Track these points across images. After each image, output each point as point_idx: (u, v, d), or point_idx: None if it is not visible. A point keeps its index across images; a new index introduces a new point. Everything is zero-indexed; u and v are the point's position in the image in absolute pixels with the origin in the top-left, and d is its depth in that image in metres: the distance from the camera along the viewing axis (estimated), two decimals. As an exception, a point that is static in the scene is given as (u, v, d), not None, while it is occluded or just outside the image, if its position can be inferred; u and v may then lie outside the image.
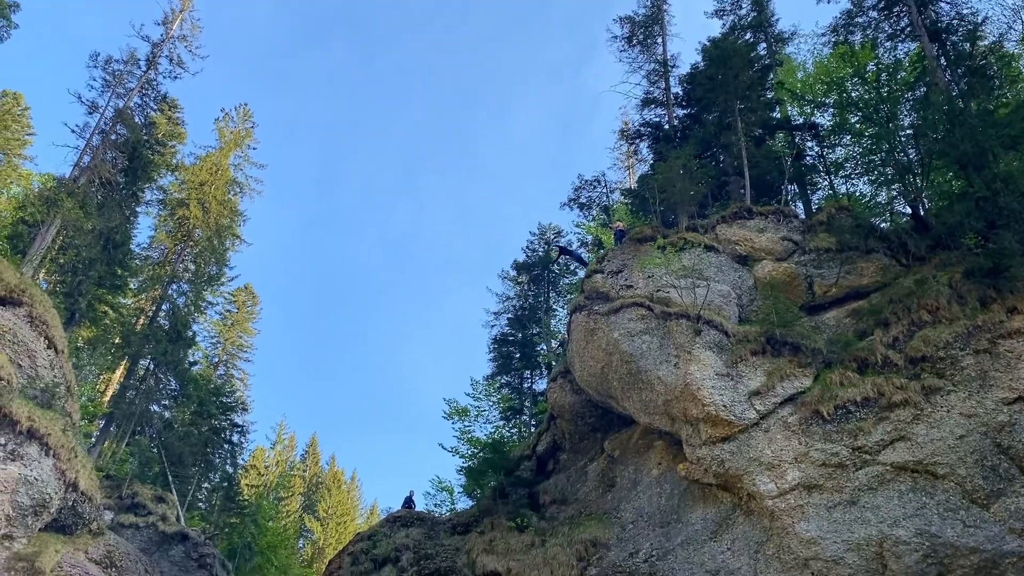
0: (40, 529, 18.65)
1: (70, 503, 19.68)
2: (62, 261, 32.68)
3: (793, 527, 16.16)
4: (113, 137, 32.86)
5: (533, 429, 35.72)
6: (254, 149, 49.51)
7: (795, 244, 23.33)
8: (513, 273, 42.65)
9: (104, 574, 19.85)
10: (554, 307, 41.49)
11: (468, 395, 41.50)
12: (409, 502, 32.86)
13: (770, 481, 16.81)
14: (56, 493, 18.86)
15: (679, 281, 21.61)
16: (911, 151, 23.27)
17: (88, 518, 20.65)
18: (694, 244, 23.39)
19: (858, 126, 25.46)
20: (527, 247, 42.55)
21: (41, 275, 30.78)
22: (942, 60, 25.23)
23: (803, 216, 26.23)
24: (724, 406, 18.03)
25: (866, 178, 26.94)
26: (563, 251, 36.60)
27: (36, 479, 18.21)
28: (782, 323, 19.63)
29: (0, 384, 18.24)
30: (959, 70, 24.77)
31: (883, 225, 24.47)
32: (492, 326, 41.48)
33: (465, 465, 37.31)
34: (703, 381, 18.65)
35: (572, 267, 42.04)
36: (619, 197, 38.72)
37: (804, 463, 16.65)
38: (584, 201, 38.74)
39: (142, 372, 41.12)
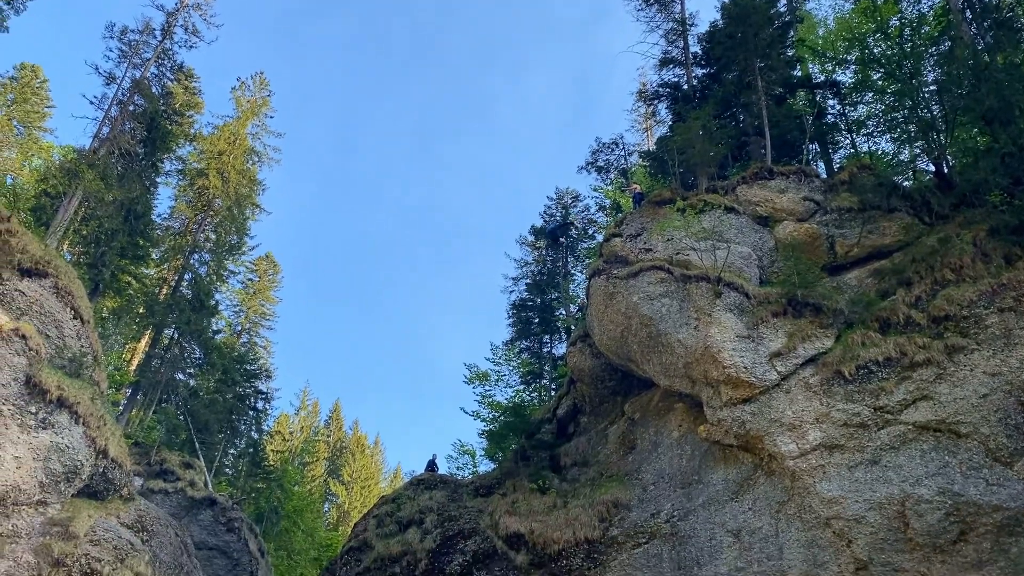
0: (73, 495, 19.08)
1: (101, 469, 20.09)
2: (85, 232, 32.99)
3: (814, 487, 16.22)
4: (131, 108, 32.94)
5: (553, 393, 35.89)
6: (271, 118, 49.37)
7: (816, 204, 23.09)
8: (531, 238, 42.58)
9: (136, 538, 20.28)
10: (573, 272, 41.43)
11: (488, 360, 41.74)
12: (432, 465, 33.24)
13: (791, 442, 16.85)
14: (87, 460, 19.26)
15: (699, 244, 21.49)
16: (935, 107, 22.87)
17: (119, 484, 21.07)
18: (714, 206, 23.22)
19: (881, 83, 25.03)
20: (545, 212, 42.42)
21: (65, 247, 31.13)
22: (967, 13, 24.63)
23: (824, 176, 25.92)
24: (745, 368, 18.04)
25: (889, 136, 26.59)
26: (547, 233, 36.34)
27: (67, 446, 18.60)
28: (803, 284, 19.52)
29: (29, 354, 18.56)
30: (984, 23, 24.18)
31: (906, 183, 24.17)
32: (511, 292, 41.56)
33: (486, 429, 37.63)
34: (723, 343, 18.64)
35: (591, 231, 41.91)
36: (637, 160, 38.42)
37: (825, 423, 16.66)
38: (602, 164, 38.48)
39: (167, 341, 41.64)
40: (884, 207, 21.67)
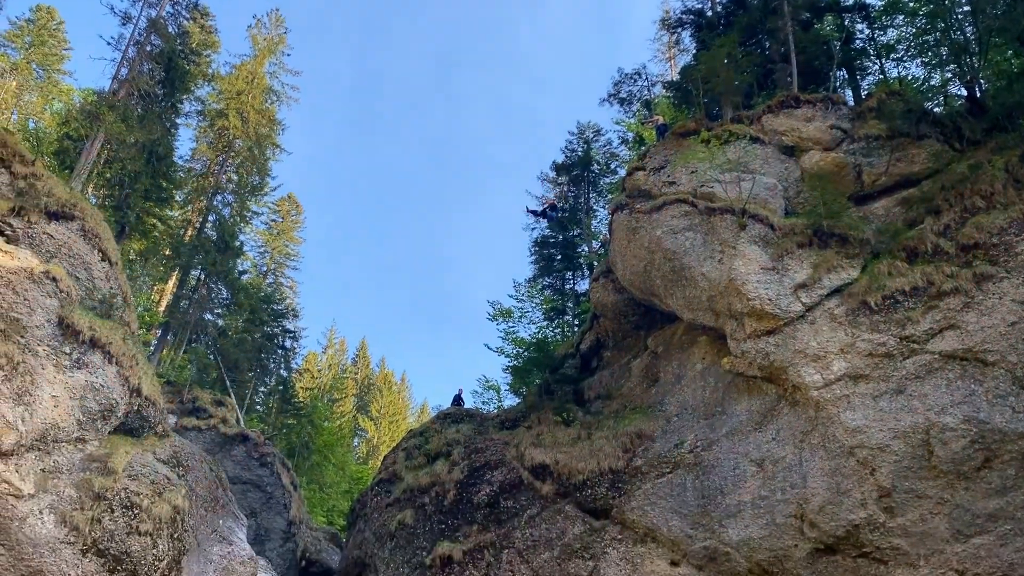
0: (109, 432, 19.59)
1: (135, 407, 20.57)
2: (108, 175, 33.16)
3: (839, 416, 16.28)
4: (148, 48, 32.64)
5: (576, 329, 36.04)
6: (288, 56, 48.90)
7: (844, 132, 22.58)
8: (552, 174, 42.14)
9: (172, 472, 20.85)
10: (595, 207, 41.10)
11: (511, 297, 41.90)
12: (458, 400, 33.75)
13: (816, 372, 16.86)
14: (121, 398, 19.71)
15: (723, 175, 21.19)
16: (968, 29, 22.10)
17: (153, 421, 21.59)
18: (739, 136, 22.81)
19: (912, 4, 24.16)
20: (566, 147, 41.84)
21: (90, 190, 31.33)
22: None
23: (852, 103, 25.27)
24: (769, 300, 17.96)
25: (919, 60, 25.74)
26: (535, 213, 35.85)
27: (102, 385, 19.03)
28: (829, 214, 19.25)
29: (60, 296, 18.86)
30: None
31: (936, 109, 23.52)
32: (533, 228, 41.36)
33: (511, 364, 37.99)
34: (748, 276, 18.54)
35: (612, 166, 41.41)
36: (661, 91, 37.64)
37: (850, 354, 16.63)
38: (624, 96, 37.71)
39: (194, 282, 42.18)
40: (913, 134, 21.16)
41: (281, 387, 48.61)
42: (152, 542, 18.13)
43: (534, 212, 36.27)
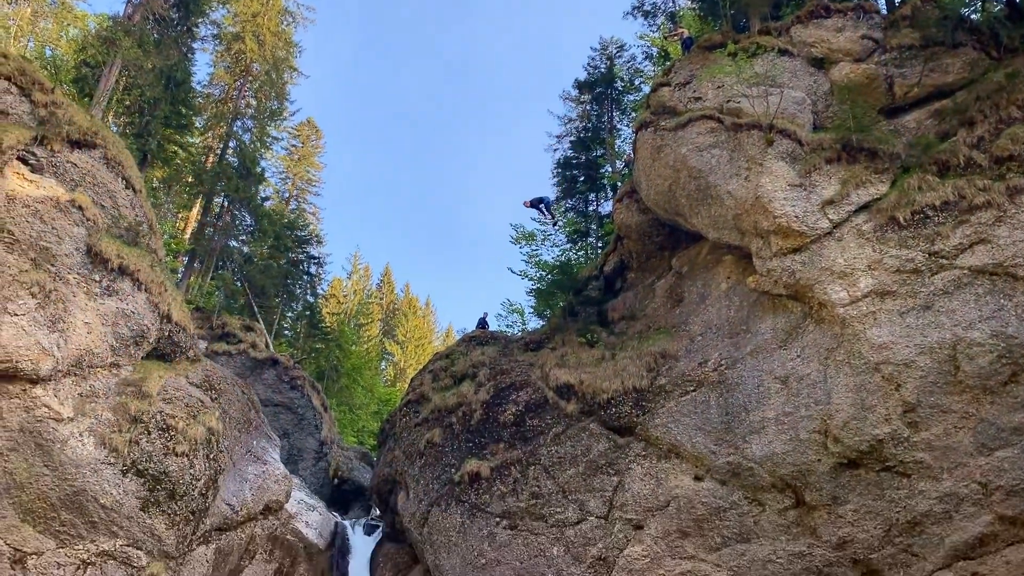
0: (142, 358, 20.02)
1: (166, 333, 20.95)
2: (127, 102, 33.02)
3: (864, 333, 16.22)
4: (161, -30, 32.07)
5: (600, 251, 35.90)
6: (302, -26, 47.78)
7: (875, 43, 21.81)
8: (575, 93, 41.25)
9: (205, 396, 21.35)
10: (618, 126, 40.34)
11: (534, 220, 41.69)
12: (483, 323, 34.01)
13: (842, 289, 16.73)
14: (152, 324, 20.08)
15: (750, 90, 20.65)
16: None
17: (184, 346, 22.02)
18: (767, 48, 22.13)
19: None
20: (588, 64, 40.80)
21: (110, 117, 31.25)
22: None
23: (885, 12, 24.32)
24: (796, 217, 17.71)
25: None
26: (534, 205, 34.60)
27: (132, 312, 19.36)
28: (859, 128, 18.76)
29: (87, 224, 19.03)
30: None
31: (973, 16, 22.58)
32: (555, 150, 40.78)
33: (534, 287, 38.09)
34: (774, 193, 18.25)
35: (636, 83, 40.47)
36: (686, 2, 36.44)
37: (877, 270, 16.45)
38: (648, 9, 36.59)
39: (217, 209, 42.43)
40: (948, 42, 20.38)
41: (308, 312, 49.28)
42: (189, 462, 18.71)
43: (531, 204, 35.00)
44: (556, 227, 34.18)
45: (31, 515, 16.27)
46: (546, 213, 33.01)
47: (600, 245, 37.31)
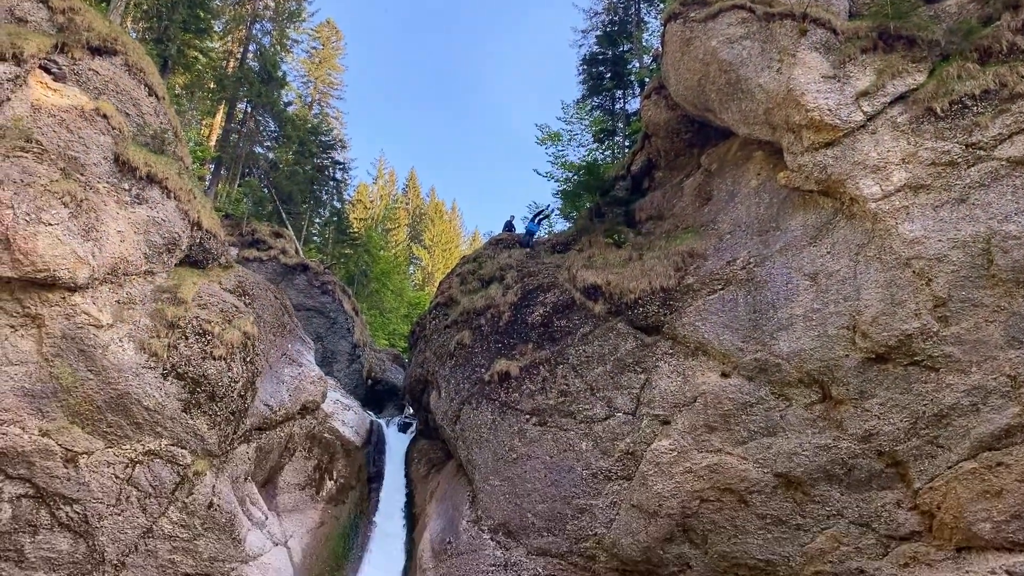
0: (175, 265, 20.35)
1: (197, 240, 21.20)
2: (145, 7, 32.49)
3: (896, 228, 15.98)
4: None
5: (627, 150, 35.37)
6: None
7: (919, -79, 20.62)
8: (601, -17, 39.83)
9: (239, 301, 21.74)
10: (645, 19, 39.06)
11: (560, 120, 41.20)
12: (509, 226, 34.00)
13: (874, 184, 16.39)
14: (183, 231, 20.30)
15: (784, -24, 19.75)
16: None
17: (216, 253, 22.31)
18: (801, -69, 21.02)
19: None
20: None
21: (128, 23, 30.81)
22: None
23: None
24: (829, 110, 17.21)
25: None
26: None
27: (163, 219, 19.56)
28: (896, 15, 17.96)
29: (113, 133, 19.03)
30: None
31: None
32: (580, 46, 39.74)
33: (560, 189, 37.83)
34: (807, 85, 17.69)
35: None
36: None
37: (912, 163, 16.05)
38: None
39: (241, 115, 42.21)
40: (996, -82, 19.21)
41: (335, 218, 49.55)
42: (226, 366, 19.25)
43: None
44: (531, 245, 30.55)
45: (79, 417, 16.97)
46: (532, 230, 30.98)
47: (627, 144, 36.75)
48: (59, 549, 16.75)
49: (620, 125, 38.32)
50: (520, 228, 33.62)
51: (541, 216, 33.36)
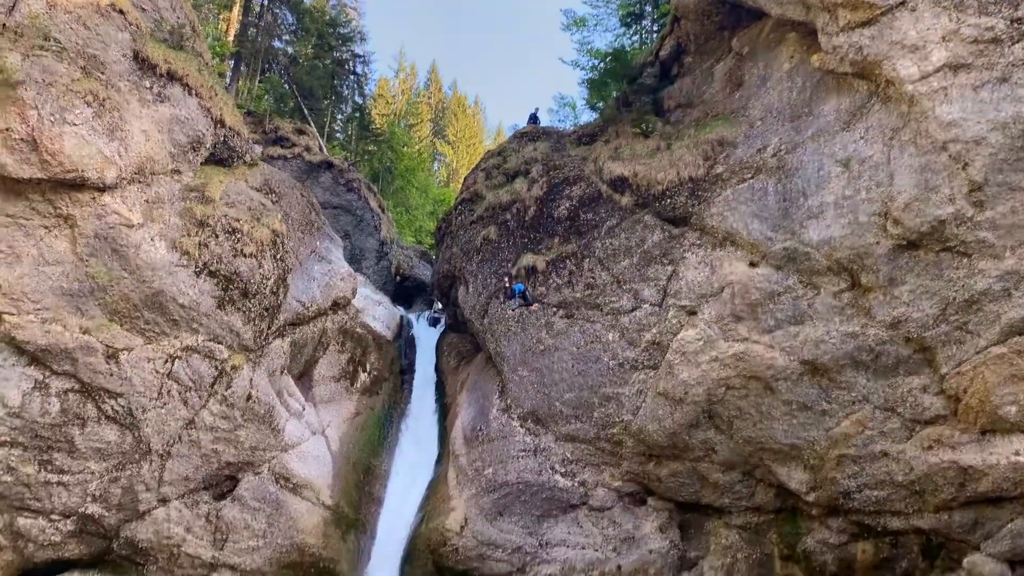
0: (201, 164, 20.35)
1: (221, 138, 21.10)
2: None
3: (933, 110, 15.45)
4: None
5: (655, 35, 34.15)
6: None
7: None
8: None
9: (266, 199, 21.82)
10: None
11: (585, 3, 39.57)
12: (534, 119, 33.35)
13: (912, 64, 15.75)
14: (207, 129, 20.20)
15: None
16: None
17: (241, 151, 22.23)
18: None
19: None
20: None
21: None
22: None
23: None
24: (867, -14, 16.39)
25: None
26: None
27: (186, 117, 19.45)
28: None
29: (131, 29, 18.68)
30: None
31: None
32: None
33: (587, 78, 36.75)
34: (845, -40, 16.79)
35: None
36: None
37: (953, 41, 15.35)
38: None
39: (258, 8, 41.23)
40: None
41: (358, 114, 48.99)
42: (257, 263, 19.52)
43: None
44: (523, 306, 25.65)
45: (117, 315, 17.42)
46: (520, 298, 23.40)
47: (656, 29, 35.44)
48: (107, 440, 17.53)
49: (648, 8, 36.79)
50: (545, 122, 32.96)
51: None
